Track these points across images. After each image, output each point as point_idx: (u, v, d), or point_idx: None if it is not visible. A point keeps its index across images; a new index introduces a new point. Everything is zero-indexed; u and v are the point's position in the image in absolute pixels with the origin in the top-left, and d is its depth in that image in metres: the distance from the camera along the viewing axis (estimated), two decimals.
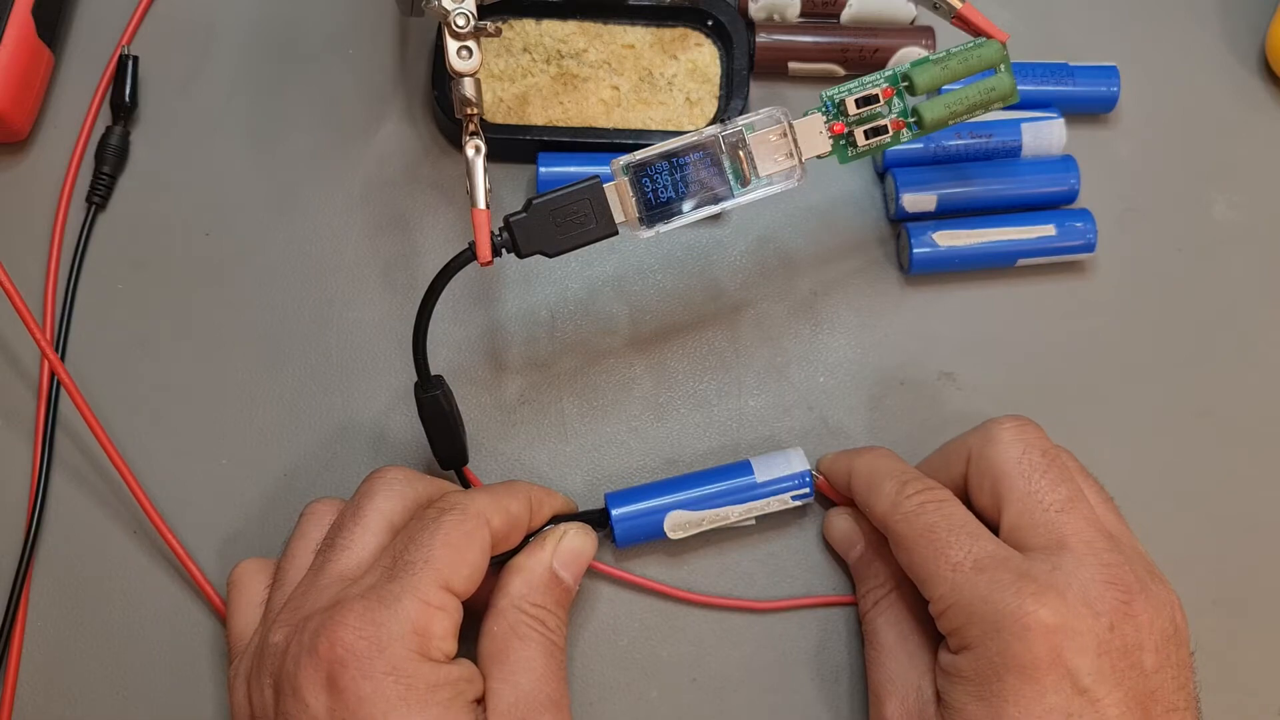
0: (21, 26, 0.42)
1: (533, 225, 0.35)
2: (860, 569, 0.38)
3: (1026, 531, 0.34)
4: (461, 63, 0.36)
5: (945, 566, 0.33)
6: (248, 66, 0.45)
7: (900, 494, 0.35)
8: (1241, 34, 0.47)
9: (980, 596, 0.32)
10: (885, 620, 0.37)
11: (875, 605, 0.37)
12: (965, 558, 0.33)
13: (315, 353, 0.42)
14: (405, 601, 0.32)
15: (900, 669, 0.35)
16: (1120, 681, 0.31)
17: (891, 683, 0.35)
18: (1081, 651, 0.31)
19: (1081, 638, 0.31)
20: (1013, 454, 0.35)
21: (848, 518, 0.39)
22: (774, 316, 0.43)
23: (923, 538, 0.34)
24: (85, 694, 0.38)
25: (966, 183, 0.43)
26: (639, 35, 0.44)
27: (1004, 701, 0.31)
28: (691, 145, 0.36)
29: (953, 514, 0.34)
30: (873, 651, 0.37)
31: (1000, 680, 0.31)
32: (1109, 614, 0.32)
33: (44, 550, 0.39)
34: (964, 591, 0.32)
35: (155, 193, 0.44)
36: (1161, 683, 0.32)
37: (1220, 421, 0.42)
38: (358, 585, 0.33)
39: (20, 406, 0.41)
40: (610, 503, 0.38)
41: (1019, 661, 0.31)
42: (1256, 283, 0.44)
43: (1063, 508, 0.34)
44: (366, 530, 0.34)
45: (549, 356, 0.42)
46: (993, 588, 0.32)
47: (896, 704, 0.35)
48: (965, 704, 0.32)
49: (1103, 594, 0.32)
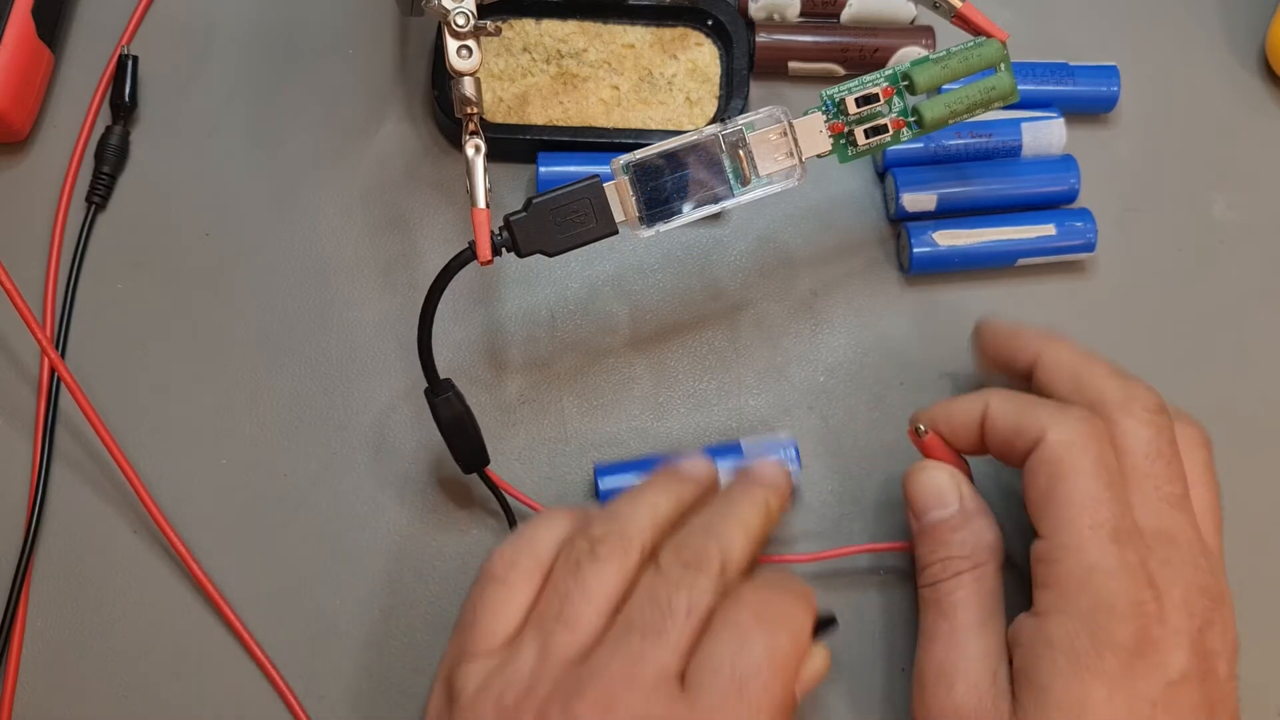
0: (21, 26, 0.42)
1: (533, 225, 0.35)
2: (943, 534, 0.35)
3: (1144, 515, 0.33)
4: (461, 62, 0.36)
5: (1085, 520, 0.32)
6: (248, 66, 0.45)
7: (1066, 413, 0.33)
8: (1241, 34, 0.47)
9: (1107, 569, 0.31)
10: (968, 595, 0.34)
11: (955, 577, 0.34)
12: (1107, 520, 0.32)
13: (315, 353, 0.42)
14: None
15: (978, 649, 0.33)
16: (1201, 682, 0.31)
17: (965, 662, 0.33)
18: (1177, 647, 0.31)
19: (1180, 634, 0.31)
20: (1146, 435, 0.34)
21: (947, 471, 0.36)
22: (774, 316, 0.43)
23: (1079, 477, 0.32)
24: (85, 694, 0.38)
25: (966, 182, 0.43)
26: (639, 35, 0.45)
27: (1096, 679, 0.31)
28: (691, 145, 0.36)
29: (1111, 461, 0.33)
30: (945, 626, 0.34)
31: (1099, 658, 0.31)
32: (1200, 616, 0.32)
33: (44, 549, 0.39)
34: (1090, 555, 0.32)
35: (155, 193, 0.44)
36: (1228, 692, 0.32)
37: (1220, 421, 0.42)
38: (699, 709, 0.30)
39: (21, 405, 0.41)
40: (599, 473, 0.39)
41: (1121, 643, 0.31)
42: (1256, 283, 0.44)
43: (1175, 502, 0.33)
44: (695, 628, 0.31)
45: (549, 356, 0.42)
46: (1120, 565, 0.31)
47: (967, 687, 0.33)
48: (1052, 680, 0.31)
49: (1199, 598, 0.32)
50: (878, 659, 0.39)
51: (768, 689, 0.30)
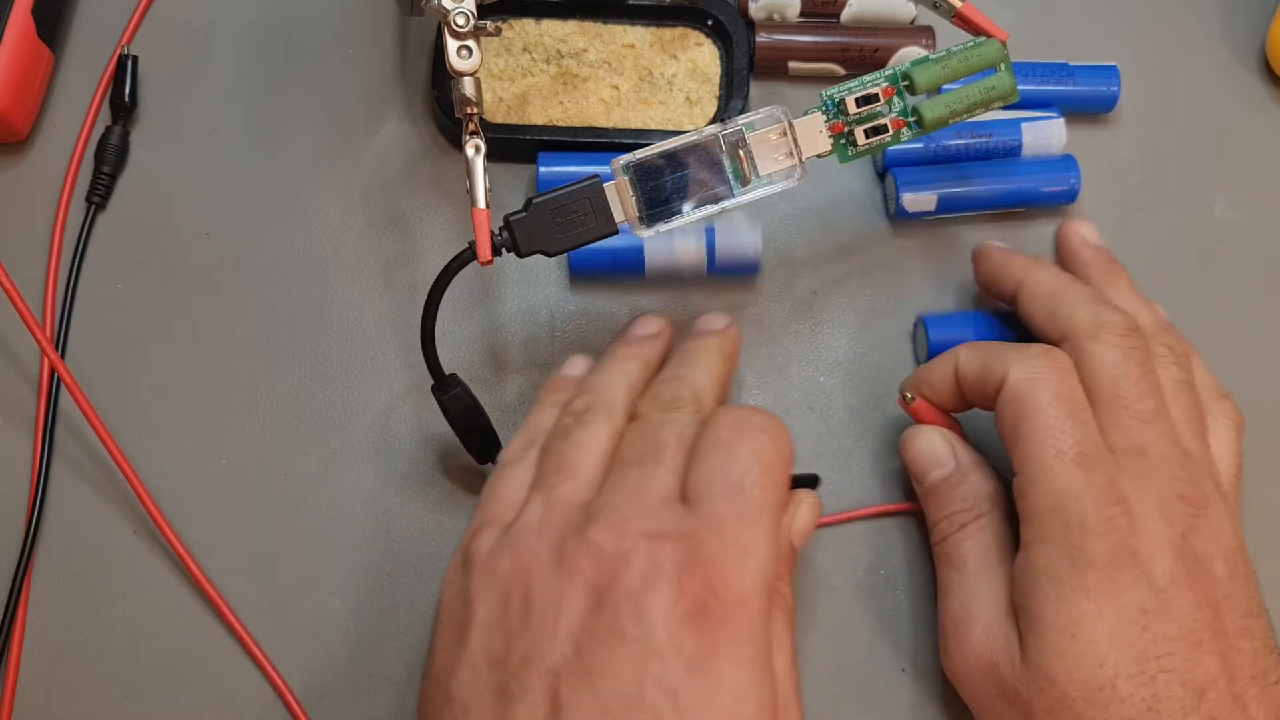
0: (21, 26, 0.42)
1: (533, 225, 0.35)
2: (944, 491, 0.37)
3: (1115, 434, 0.34)
4: (461, 62, 0.36)
5: (1050, 449, 0.33)
6: (248, 66, 0.45)
7: (1024, 353, 0.35)
8: (1241, 34, 0.47)
9: (1074, 492, 0.33)
10: (974, 544, 0.36)
11: (962, 529, 0.36)
12: (1071, 446, 0.33)
13: (315, 353, 0.42)
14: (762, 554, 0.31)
15: (988, 593, 0.35)
16: (1193, 584, 0.32)
17: (978, 608, 0.35)
18: (1158, 555, 0.32)
19: (1158, 543, 0.32)
20: (1114, 357, 0.35)
21: (939, 432, 0.38)
22: (774, 316, 0.43)
23: (1040, 410, 0.34)
24: (85, 693, 0.38)
25: (966, 182, 0.43)
26: (639, 35, 0.45)
27: (1083, 597, 0.32)
28: (691, 145, 0.36)
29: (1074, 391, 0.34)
30: (957, 578, 0.36)
31: (1080, 577, 0.32)
32: (1180, 524, 0.33)
33: (44, 549, 0.39)
34: (1058, 481, 0.33)
35: (155, 193, 0.44)
36: (1233, 589, 0.33)
37: None
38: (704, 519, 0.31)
39: (21, 405, 0.41)
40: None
41: (1099, 560, 0.32)
42: (1256, 283, 0.44)
43: (1148, 418, 0.34)
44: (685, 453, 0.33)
45: (549, 356, 0.42)
46: (1087, 487, 0.33)
47: (981, 630, 0.34)
48: (1044, 608, 0.32)
49: (1174, 505, 0.33)
50: (878, 657, 0.39)
51: (762, 486, 0.32)
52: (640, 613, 0.29)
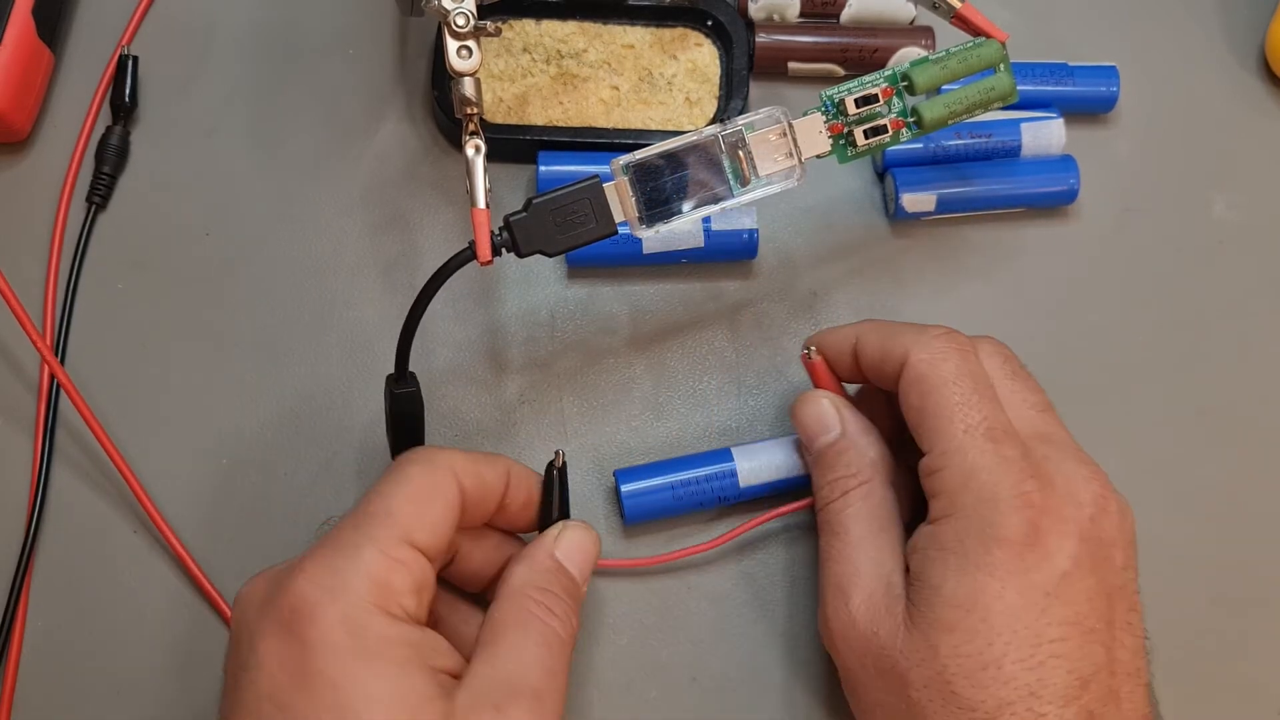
0: (21, 26, 0.42)
1: (532, 225, 0.35)
2: (830, 457, 0.37)
3: (1015, 423, 0.34)
4: (461, 62, 0.36)
5: (959, 425, 0.33)
6: (247, 67, 0.45)
7: (924, 333, 0.35)
8: (1241, 34, 0.47)
9: (985, 465, 0.32)
10: (856, 511, 0.35)
11: (844, 495, 0.36)
12: (980, 421, 0.33)
13: (315, 353, 0.42)
14: (364, 551, 0.30)
15: (870, 561, 0.34)
16: (1094, 569, 0.32)
17: (859, 575, 0.34)
18: (1066, 535, 0.32)
19: (1068, 523, 0.32)
20: (996, 362, 0.35)
21: (828, 397, 0.37)
22: (774, 316, 0.43)
23: (945, 386, 0.34)
24: (85, 693, 0.38)
25: (966, 183, 0.43)
26: (639, 35, 0.45)
27: (988, 575, 0.31)
28: (691, 145, 0.36)
29: (976, 368, 0.34)
30: (838, 544, 0.35)
31: (987, 553, 0.31)
32: (1090, 505, 0.33)
33: (44, 549, 0.39)
34: (969, 456, 0.32)
35: (155, 193, 0.44)
36: (1126, 581, 0.33)
37: (1219, 421, 0.42)
38: (323, 541, 0.32)
39: (20, 406, 0.41)
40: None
41: (1009, 536, 0.31)
42: (1256, 283, 0.44)
43: (1043, 408, 0.35)
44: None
45: (549, 356, 0.42)
46: (999, 460, 0.32)
47: (863, 597, 0.34)
48: (943, 580, 0.32)
49: (1086, 486, 0.33)
50: None
51: (385, 499, 0.32)
52: (251, 641, 0.30)
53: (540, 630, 0.32)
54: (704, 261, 0.42)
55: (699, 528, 0.40)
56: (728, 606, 0.39)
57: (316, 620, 0.29)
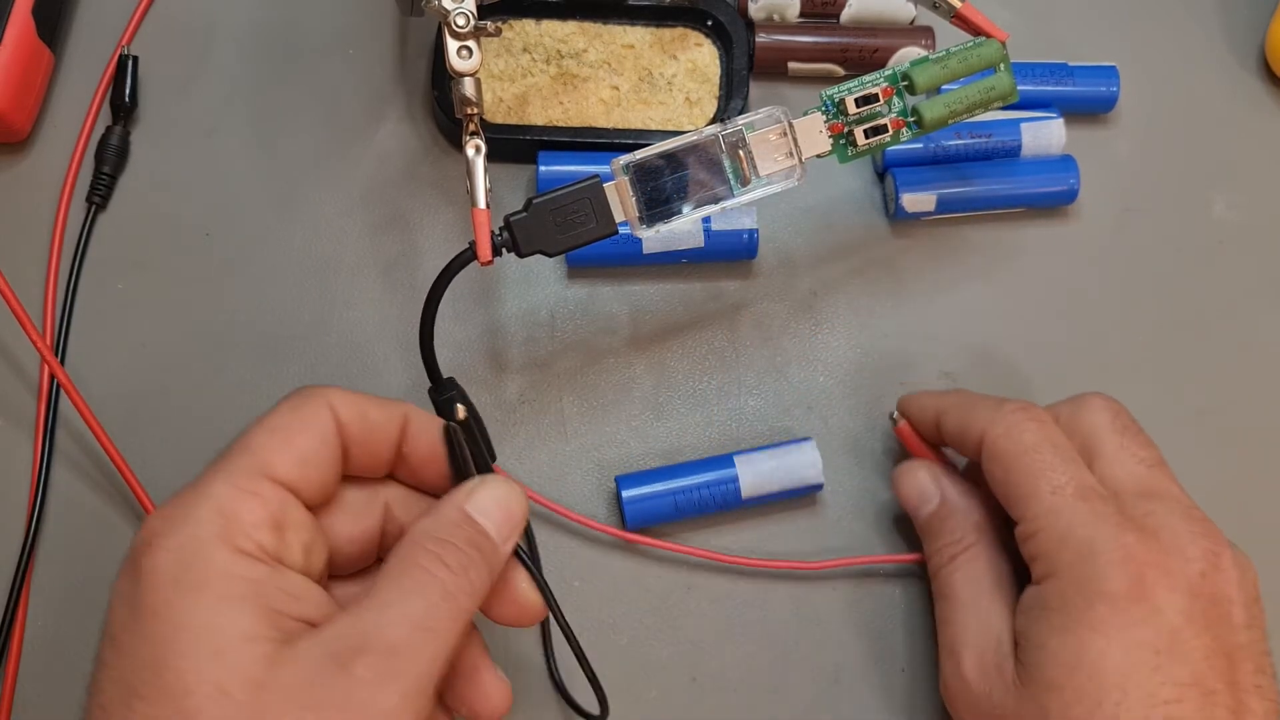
0: (21, 26, 0.42)
1: (533, 225, 0.35)
2: (934, 524, 0.37)
3: (1120, 479, 0.34)
4: (462, 63, 0.36)
5: (1045, 488, 0.33)
6: (247, 67, 0.45)
7: (1001, 409, 0.35)
8: (1241, 34, 0.47)
9: (1080, 522, 0.32)
10: (964, 575, 0.36)
11: (952, 561, 0.36)
12: (1067, 483, 0.33)
13: (315, 353, 0.42)
14: (214, 484, 0.29)
15: (979, 623, 0.34)
16: (1209, 627, 0.31)
17: (969, 635, 0.34)
18: (1174, 589, 0.31)
19: (1174, 577, 0.31)
20: (1105, 418, 0.35)
21: (926, 468, 0.38)
22: (774, 316, 0.43)
23: (1026, 455, 0.34)
24: (84, 694, 0.38)
25: (966, 183, 0.43)
26: (639, 35, 0.45)
27: (1091, 631, 0.31)
28: (691, 145, 0.36)
29: (1055, 436, 0.34)
30: (948, 608, 0.36)
31: (1090, 609, 0.31)
32: (1200, 561, 0.31)
33: (44, 550, 0.39)
34: (1063, 516, 0.32)
35: (155, 193, 0.44)
36: (1250, 640, 0.31)
37: (1220, 421, 0.42)
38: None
39: (21, 406, 0.41)
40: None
41: (1111, 590, 0.31)
42: (1256, 283, 0.44)
43: (1153, 464, 0.34)
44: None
45: (549, 356, 0.42)
46: (1092, 516, 0.32)
47: (974, 659, 0.34)
48: (1048, 638, 0.31)
49: (1194, 543, 0.32)
50: (878, 657, 0.39)
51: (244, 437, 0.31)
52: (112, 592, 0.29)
53: (420, 580, 0.29)
54: (704, 261, 0.42)
55: (700, 529, 0.40)
56: (728, 606, 0.39)
57: (153, 550, 0.28)
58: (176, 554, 0.28)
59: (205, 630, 0.27)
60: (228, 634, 0.27)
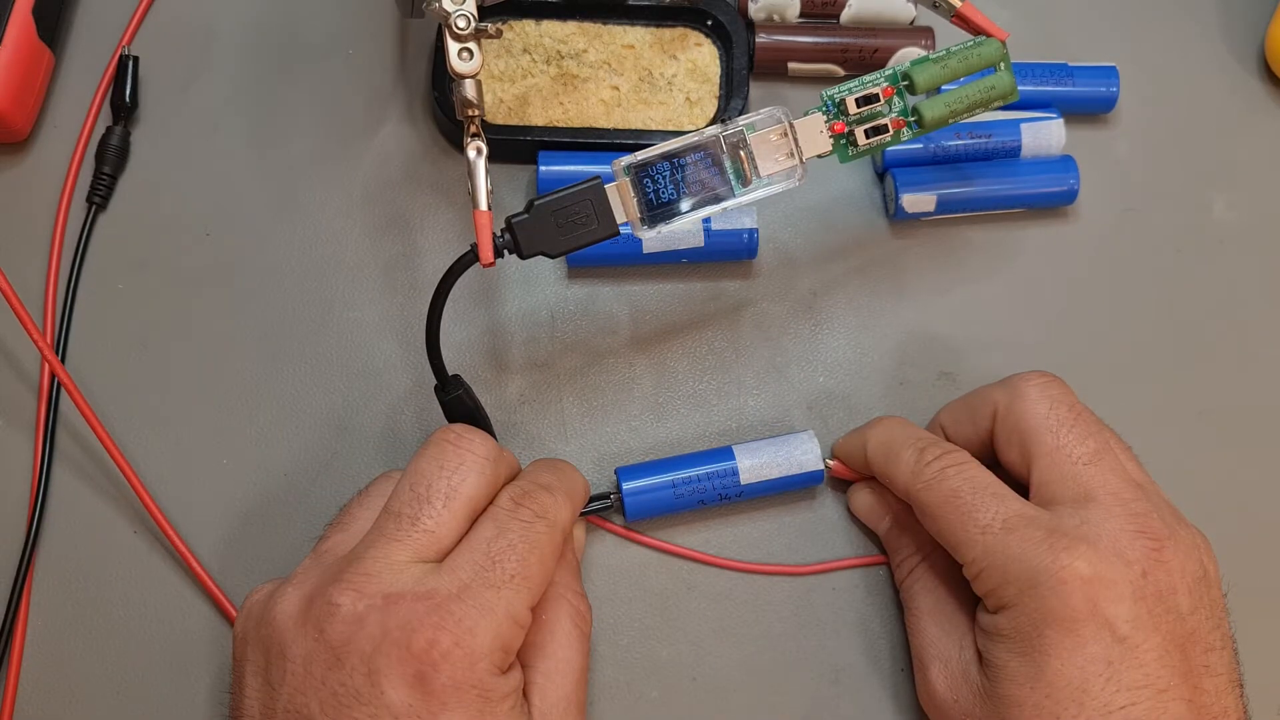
0: (21, 26, 0.42)
1: (534, 226, 0.35)
2: (890, 540, 0.39)
3: (1055, 486, 0.34)
4: (462, 64, 0.36)
5: (974, 530, 0.33)
6: (247, 67, 0.45)
7: (919, 462, 0.36)
8: (1241, 34, 0.47)
9: (1013, 556, 0.32)
10: (920, 587, 0.37)
11: (910, 574, 0.38)
12: (993, 519, 0.33)
13: (315, 353, 0.42)
14: (500, 616, 0.31)
15: (940, 633, 0.36)
16: (1157, 626, 0.32)
17: (933, 647, 0.36)
18: (1118, 600, 0.31)
19: (1116, 587, 0.32)
20: (1040, 410, 0.35)
21: (870, 493, 0.39)
22: (774, 316, 0.43)
23: (948, 503, 0.34)
24: (85, 694, 0.38)
25: (966, 183, 0.43)
26: (639, 35, 0.45)
27: (1046, 655, 0.31)
28: (692, 145, 0.36)
29: (975, 476, 0.35)
30: (911, 619, 0.37)
31: (1041, 635, 0.32)
32: (1140, 562, 0.32)
33: (45, 550, 0.39)
34: (996, 553, 0.33)
35: (155, 193, 0.44)
36: (1198, 624, 0.32)
37: (1219, 421, 0.42)
38: (448, 579, 0.31)
39: (21, 406, 0.41)
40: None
41: (1057, 615, 0.31)
42: (1256, 283, 0.44)
43: (1090, 460, 0.34)
44: (454, 515, 0.33)
45: (549, 356, 0.42)
46: (1025, 546, 0.32)
47: (940, 668, 0.35)
48: (1007, 661, 0.32)
49: (1133, 543, 0.32)
50: (878, 657, 0.39)
51: (522, 562, 0.32)
52: (371, 674, 0.30)
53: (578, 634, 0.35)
54: (704, 261, 0.42)
55: (700, 529, 0.40)
56: (728, 606, 0.39)
57: (457, 683, 0.30)
58: (476, 689, 0.31)
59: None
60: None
